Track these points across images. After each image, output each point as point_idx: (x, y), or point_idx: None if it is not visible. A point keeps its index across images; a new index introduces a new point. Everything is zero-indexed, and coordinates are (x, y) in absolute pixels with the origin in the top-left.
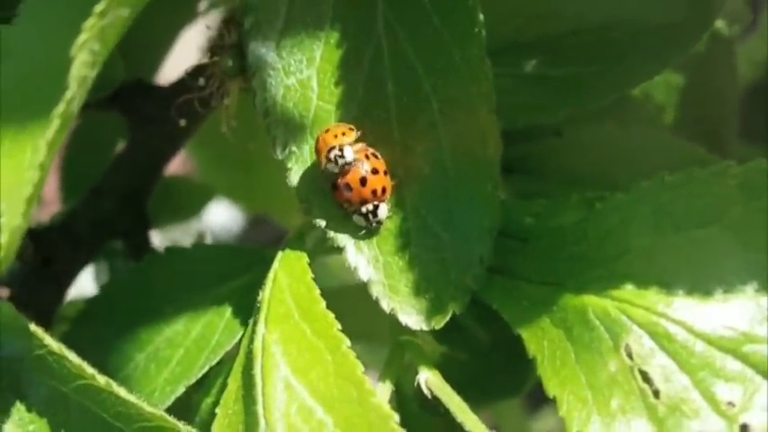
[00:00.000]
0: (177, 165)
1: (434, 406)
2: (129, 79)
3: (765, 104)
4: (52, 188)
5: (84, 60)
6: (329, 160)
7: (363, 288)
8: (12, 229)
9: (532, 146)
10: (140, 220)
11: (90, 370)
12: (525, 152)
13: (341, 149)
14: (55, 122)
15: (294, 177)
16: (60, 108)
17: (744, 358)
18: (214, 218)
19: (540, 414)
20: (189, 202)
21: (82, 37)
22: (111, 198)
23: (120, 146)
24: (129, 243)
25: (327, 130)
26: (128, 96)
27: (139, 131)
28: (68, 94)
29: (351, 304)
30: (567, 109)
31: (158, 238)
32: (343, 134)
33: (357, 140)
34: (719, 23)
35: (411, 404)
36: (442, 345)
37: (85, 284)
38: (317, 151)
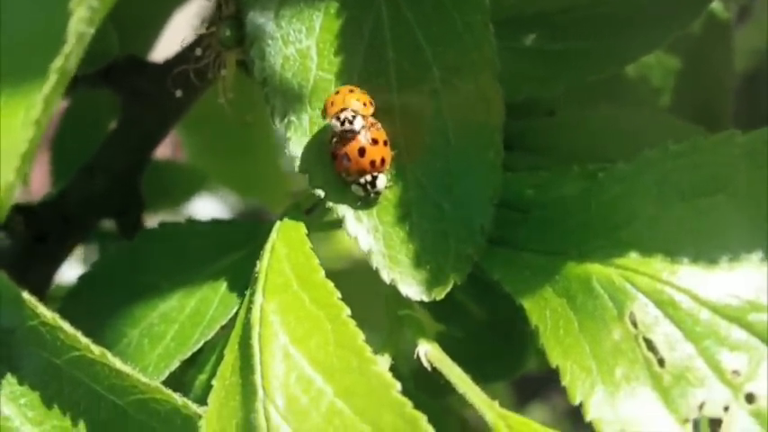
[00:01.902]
0: (170, 151)
1: (430, 385)
2: (122, 55)
3: (759, 93)
4: (42, 176)
5: (82, 16)
6: (338, 119)
7: (356, 275)
8: (5, 185)
9: (530, 123)
10: (133, 199)
11: (84, 340)
12: (523, 129)
13: (354, 116)
14: (52, 77)
15: (293, 147)
16: (58, 63)
17: (749, 327)
18: (201, 211)
19: (530, 407)
20: (179, 187)
21: None
22: (103, 175)
23: (113, 126)
24: (121, 222)
25: (352, 91)
26: (121, 72)
27: (132, 108)
28: (67, 49)
29: (343, 293)
30: (565, 83)
31: (148, 223)
32: (364, 104)
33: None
34: (716, 5)
35: (407, 384)
36: (439, 323)
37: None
38: (331, 102)
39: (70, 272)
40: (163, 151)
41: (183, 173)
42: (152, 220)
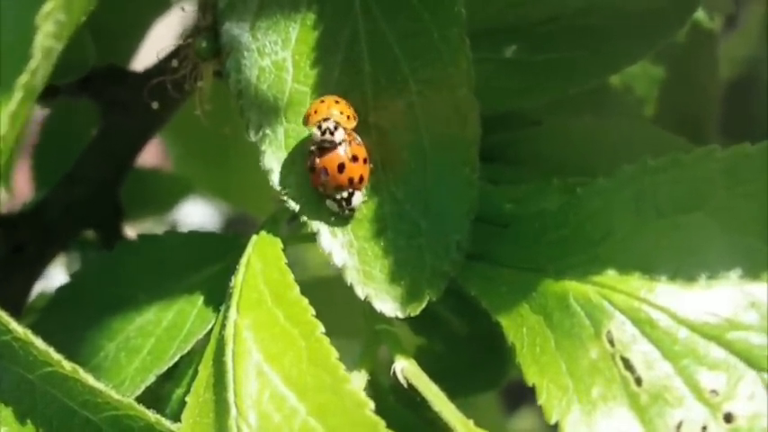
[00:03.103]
0: (156, 159)
1: (410, 398)
2: (102, 65)
3: (745, 102)
4: (24, 182)
5: (49, 31)
6: (319, 128)
7: (340, 282)
8: None
9: (512, 135)
10: (113, 210)
11: (56, 356)
12: (505, 141)
13: (336, 126)
14: (17, 94)
15: (268, 160)
16: (24, 79)
17: (728, 345)
18: (190, 218)
19: (518, 413)
20: (163, 195)
21: (47, 6)
22: (82, 185)
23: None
24: (101, 233)
25: (338, 102)
26: (100, 82)
27: (112, 118)
28: (33, 64)
29: (327, 299)
30: (548, 94)
31: (131, 232)
32: (348, 117)
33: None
34: (701, 15)
35: (387, 397)
36: (419, 336)
37: (58, 279)
38: (315, 111)
39: (56, 280)
40: (151, 159)
41: (168, 181)
42: (138, 229)
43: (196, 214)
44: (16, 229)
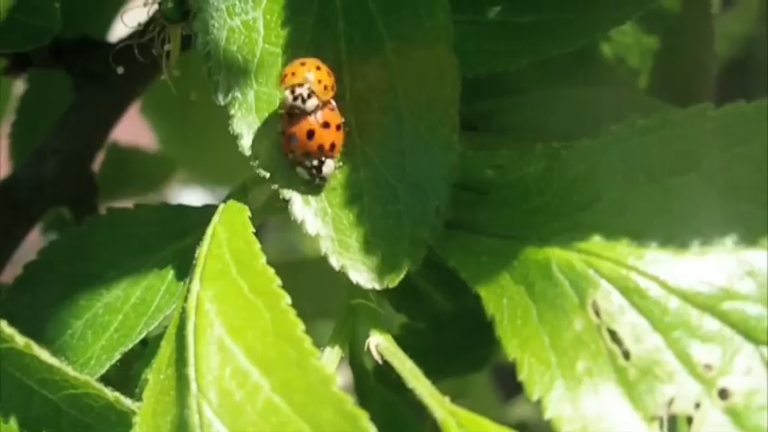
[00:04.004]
0: (145, 140)
1: (393, 380)
2: (74, 36)
3: (741, 81)
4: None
5: None
6: (292, 92)
7: (323, 263)
8: None
9: (498, 103)
10: (86, 186)
11: (8, 330)
12: (491, 109)
13: (309, 94)
14: None
15: (237, 125)
16: None
17: (722, 317)
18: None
19: (514, 402)
20: (146, 174)
21: None
22: (54, 160)
23: None
24: (75, 210)
25: (319, 68)
26: (72, 52)
27: (85, 90)
28: None
29: (310, 281)
30: (532, 57)
31: None
32: (325, 88)
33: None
34: None
35: (368, 379)
36: (400, 313)
37: None
38: (292, 73)
39: None
40: (142, 140)
41: (151, 160)
42: None
43: (190, 198)
44: None
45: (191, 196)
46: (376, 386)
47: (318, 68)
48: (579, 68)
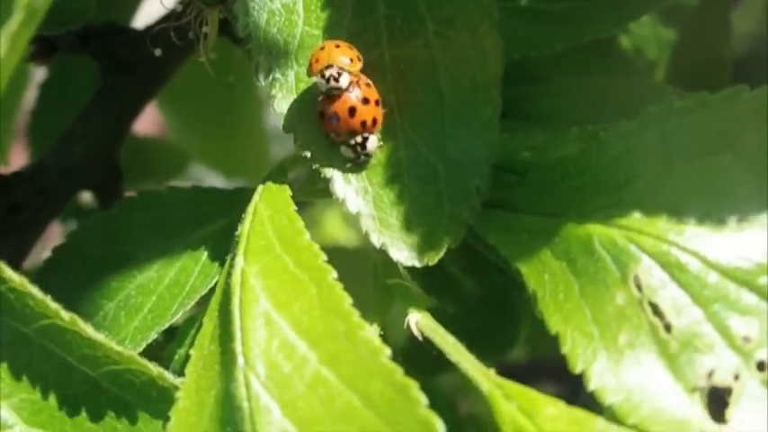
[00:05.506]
0: (157, 130)
1: (420, 361)
2: (101, 22)
3: (748, 79)
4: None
5: None
6: (323, 76)
7: (344, 258)
8: None
9: (522, 89)
10: (112, 171)
11: (54, 306)
12: (516, 96)
13: (339, 72)
14: (18, 14)
15: (278, 104)
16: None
17: (759, 291)
18: None
19: None
20: (163, 164)
21: None
22: (80, 145)
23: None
24: (100, 195)
25: (338, 46)
26: (99, 39)
27: (111, 76)
28: None
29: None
30: (563, 43)
31: None
32: (351, 60)
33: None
34: None
35: (397, 359)
36: (430, 296)
37: None
38: (316, 59)
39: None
40: (150, 130)
41: (166, 151)
42: None
43: None
44: (12, 189)
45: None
46: (405, 367)
47: (338, 47)
48: (598, 59)
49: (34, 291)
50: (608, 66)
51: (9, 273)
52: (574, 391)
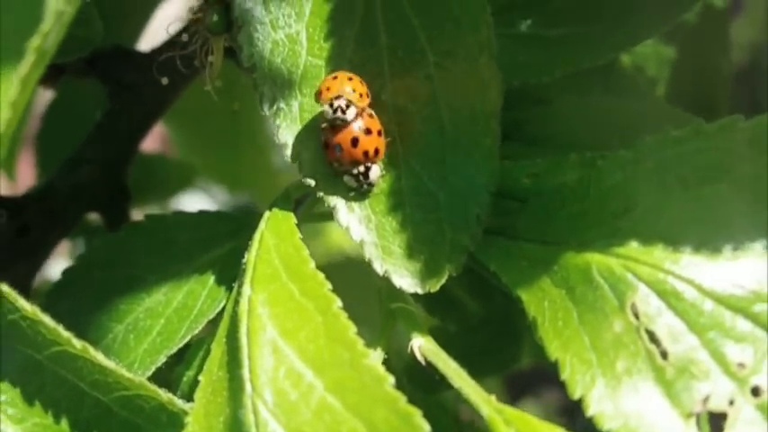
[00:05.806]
0: (159, 146)
1: (424, 381)
2: (108, 45)
3: (748, 88)
4: (30, 174)
5: None
6: (330, 105)
7: (349, 268)
8: None
9: (523, 114)
10: (119, 192)
11: (65, 334)
12: (517, 119)
13: (348, 104)
14: (29, 57)
15: (283, 134)
16: (35, 42)
17: (753, 318)
18: (189, 208)
19: (521, 404)
20: (167, 181)
21: None
22: (88, 167)
23: (98, 118)
24: (108, 216)
25: (351, 79)
26: (106, 62)
27: (118, 99)
28: (44, 27)
29: (336, 286)
30: (562, 70)
31: (137, 217)
32: (360, 96)
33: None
34: None
35: (399, 380)
36: (433, 317)
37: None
38: (327, 87)
39: (58, 268)
40: (152, 146)
41: (172, 167)
42: (139, 215)
43: (194, 205)
44: (21, 211)
45: (192, 201)
46: (408, 388)
47: (350, 79)
48: (600, 77)
49: (46, 319)
50: (610, 83)
51: (22, 302)
52: None
